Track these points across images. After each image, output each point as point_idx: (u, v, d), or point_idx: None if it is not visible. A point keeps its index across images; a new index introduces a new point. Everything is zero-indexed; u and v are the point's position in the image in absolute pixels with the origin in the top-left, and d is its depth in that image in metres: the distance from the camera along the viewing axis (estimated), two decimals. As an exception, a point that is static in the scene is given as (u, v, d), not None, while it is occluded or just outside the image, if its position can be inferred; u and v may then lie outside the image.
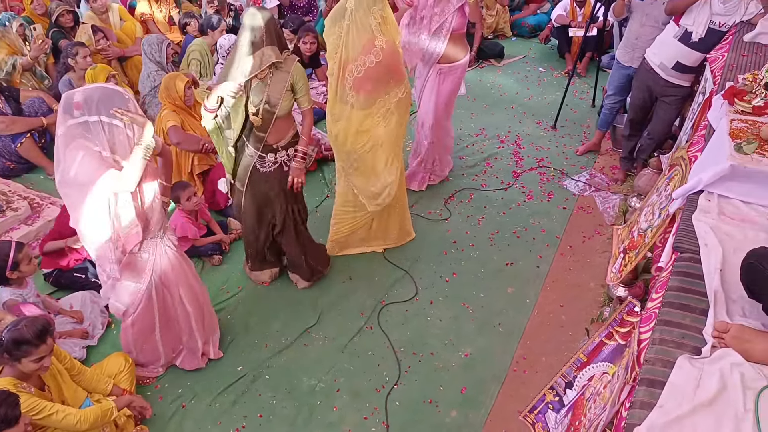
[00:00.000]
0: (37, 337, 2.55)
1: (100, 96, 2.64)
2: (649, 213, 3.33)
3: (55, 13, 5.97)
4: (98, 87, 2.70)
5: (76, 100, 2.61)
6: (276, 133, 3.49)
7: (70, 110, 2.63)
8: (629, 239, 3.43)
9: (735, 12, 4.14)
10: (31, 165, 5.16)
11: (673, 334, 2.01)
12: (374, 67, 3.56)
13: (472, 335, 3.80)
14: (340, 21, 3.53)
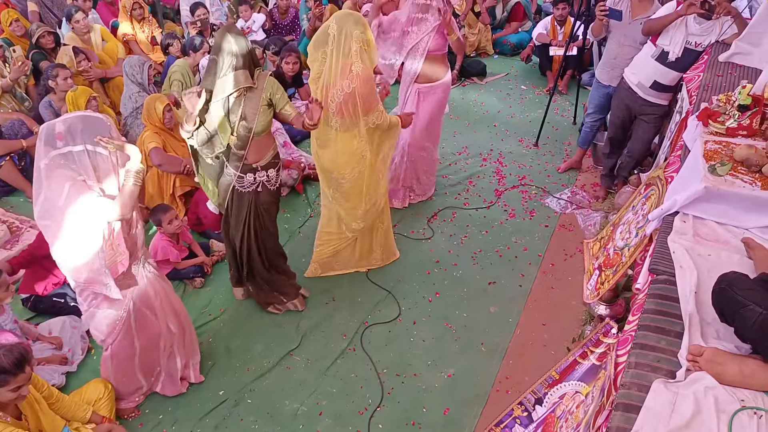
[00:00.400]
0: (15, 366, 2.52)
1: (83, 124, 2.61)
2: (625, 231, 3.36)
3: (35, 35, 5.95)
4: (80, 116, 2.67)
5: (57, 130, 2.58)
6: (255, 153, 3.48)
7: (52, 141, 2.58)
8: (604, 256, 3.45)
9: (710, 32, 4.21)
10: (11, 188, 5.12)
11: (648, 357, 2.02)
12: (350, 93, 3.58)
13: (455, 355, 3.80)
14: (323, 47, 3.55)
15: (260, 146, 3.49)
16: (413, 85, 4.65)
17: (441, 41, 4.46)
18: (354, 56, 3.50)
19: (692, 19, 4.18)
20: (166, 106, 4.65)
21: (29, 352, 2.69)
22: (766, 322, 1.79)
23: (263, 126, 3.41)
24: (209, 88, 3.24)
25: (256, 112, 3.32)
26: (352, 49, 3.49)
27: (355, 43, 3.48)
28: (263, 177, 3.57)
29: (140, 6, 7.01)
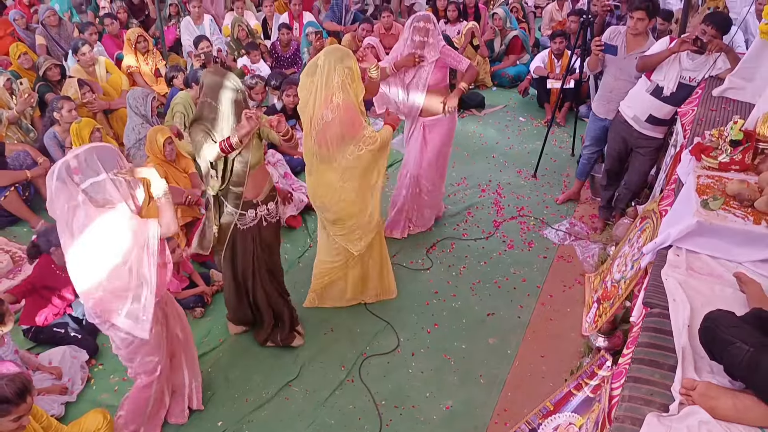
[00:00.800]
0: (17, 396, 2.54)
1: (96, 154, 2.62)
2: (621, 264, 3.39)
3: (42, 67, 6.06)
4: (90, 147, 2.68)
5: (72, 166, 2.58)
6: (253, 188, 3.52)
7: (68, 178, 2.59)
8: (602, 289, 3.47)
9: (704, 67, 4.28)
10: (15, 218, 5.17)
11: (642, 390, 2.04)
12: (330, 123, 3.62)
13: (454, 387, 3.80)
14: (312, 76, 3.63)
15: (257, 180, 3.54)
16: (418, 119, 4.74)
17: (440, 75, 4.56)
18: (336, 87, 3.57)
19: (685, 55, 4.27)
20: (167, 139, 4.72)
21: (31, 382, 2.71)
22: (754, 359, 1.81)
23: (258, 159, 3.46)
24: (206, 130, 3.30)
25: (249, 146, 3.37)
26: (334, 80, 3.56)
27: (338, 75, 3.55)
28: (263, 211, 3.62)
29: (144, 39, 7.15)
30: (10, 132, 5.66)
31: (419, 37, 4.46)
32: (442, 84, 4.64)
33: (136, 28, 7.61)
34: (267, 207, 3.62)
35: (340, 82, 3.57)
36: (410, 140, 4.90)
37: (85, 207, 2.61)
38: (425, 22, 4.45)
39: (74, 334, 3.94)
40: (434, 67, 4.51)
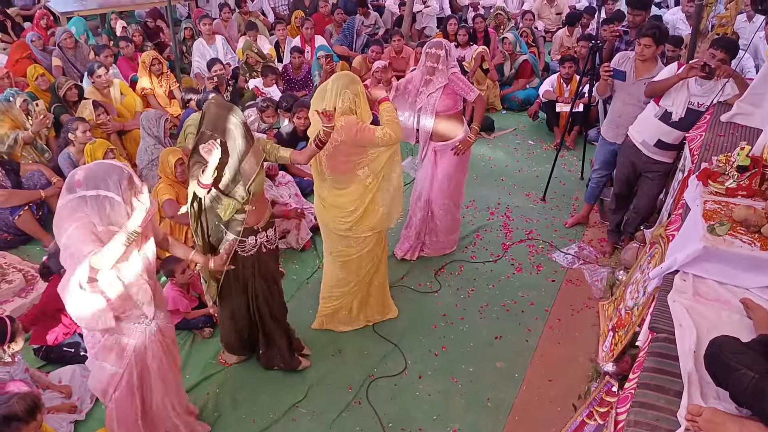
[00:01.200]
0: (27, 414, 2.57)
1: (102, 172, 2.63)
2: (634, 291, 3.39)
3: (63, 88, 6.16)
4: (99, 163, 2.71)
5: (77, 177, 2.62)
6: (255, 214, 3.48)
7: (71, 188, 2.62)
8: (617, 317, 3.47)
9: (712, 92, 4.30)
10: (28, 237, 5.24)
11: (647, 416, 2.04)
12: (338, 145, 3.68)
13: (461, 411, 3.79)
14: (321, 100, 3.69)
15: (258, 206, 3.50)
16: (430, 143, 4.79)
17: (450, 102, 4.59)
18: (342, 111, 3.64)
19: (694, 81, 4.29)
20: (179, 160, 4.78)
21: (40, 401, 2.74)
22: (759, 386, 1.81)
23: (259, 185, 3.42)
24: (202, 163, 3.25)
25: (253, 172, 3.33)
26: (337, 106, 3.63)
27: (343, 101, 3.63)
28: (263, 238, 3.57)
29: (159, 62, 7.26)
30: (26, 152, 5.74)
31: (430, 63, 4.52)
32: (454, 110, 4.66)
33: (150, 51, 7.73)
34: (266, 233, 3.59)
35: (347, 107, 3.65)
36: (423, 164, 4.94)
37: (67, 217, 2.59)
38: (437, 49, 4.50)
39: (84, 353, 3.96)
40: (442, 93, 4.54)
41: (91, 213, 2.61)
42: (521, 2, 11.58)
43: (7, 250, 5.06)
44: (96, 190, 2.60)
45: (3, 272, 4.55)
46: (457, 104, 4.67)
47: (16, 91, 5.89)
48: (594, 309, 4.62)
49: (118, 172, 2.66)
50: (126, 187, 2.65)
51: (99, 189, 2.61)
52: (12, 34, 9.37)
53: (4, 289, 4.39)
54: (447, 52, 4.52)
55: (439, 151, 4.80)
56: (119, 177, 2.65)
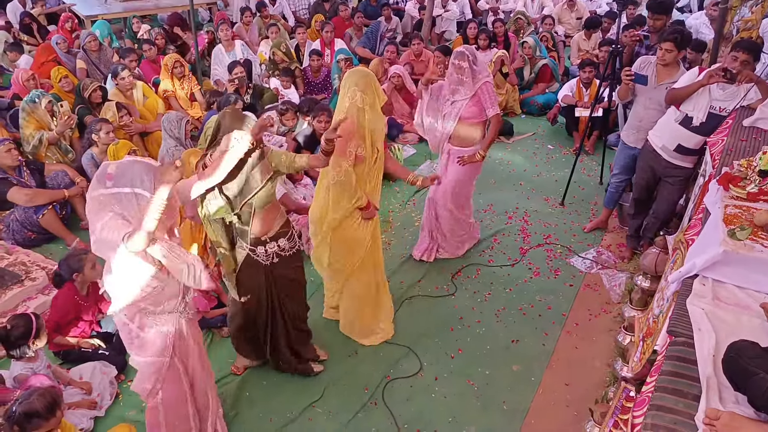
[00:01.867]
0: (47, 410, 2.62)
1: (134, 169, 2.65)
2: (660, 298, 3.36)
3: (88, 89, 6.26)
4: (131, 161, 2.72)
5: (109, 171, 2.64)
6: (261, 226, 3.42)
7: (102, 180, 2.64)
8: (647, 326, 3.44)
9: (734, 97, 4.25)
10: (52, 236, 5.32)
11: (665, 419, 2.03)
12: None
13: (477, 413, 3.79)
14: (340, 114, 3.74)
15: (265, 219, 3.42)
16: (447, 144, 4.81)
17: (476, 109, 4.59)
18: (346, 109, 3.67)
19: (715, 85, 4.25)
20: (199, 161, 4.82)
21: (60, 397, 2.79)
22: (777, 391, 1.80)
23: (264, 201, 3.35)
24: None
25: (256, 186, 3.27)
26: (346, 102, 3.67)
27: (349, 98, 3.65)
28: (274, 248, 3.51)
29: (181, 65, 7.35)
30: (50, 152, 5.85)
31: (456, 75, 4.54)
32: (479, 119, 4.65)
33: (173, 54, 7.83)
34: (278, 243, 3.51)
35: (351, 105, 3.66)
36: (439, 165, 4.97)
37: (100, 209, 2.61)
38: (460, 60, 4.49)
39: (102, 351, 4.03)
40: (470, 101, 4.56)
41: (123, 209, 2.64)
42: (541, 7, 11.56)
43: (31, 248, 5.15)
44: (131, 188, 2.63)
45: (27, 270, 4.63)
46: (483, 113, 4.65)
47: (41, 93, 6.00)
48: (612, 314, 4.60)
49: (147, 169, 2.67)
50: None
51: (134, 187, 2.63)
52: (38, 36, 9.54)
53: (28, 287, 4.47)
54: (471, 62, 4.50)
55: (452, 155, 4.82)
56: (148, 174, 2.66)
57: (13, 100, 6.76)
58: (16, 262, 4.74)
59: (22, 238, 5.19)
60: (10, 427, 2.63)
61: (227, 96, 6.52)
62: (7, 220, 5.20)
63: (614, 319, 4.53)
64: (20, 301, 4.41)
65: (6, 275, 4.53)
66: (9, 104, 6.71)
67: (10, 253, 4.88)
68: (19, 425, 2.61)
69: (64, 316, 3.97)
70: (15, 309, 4.32)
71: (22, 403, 2.63)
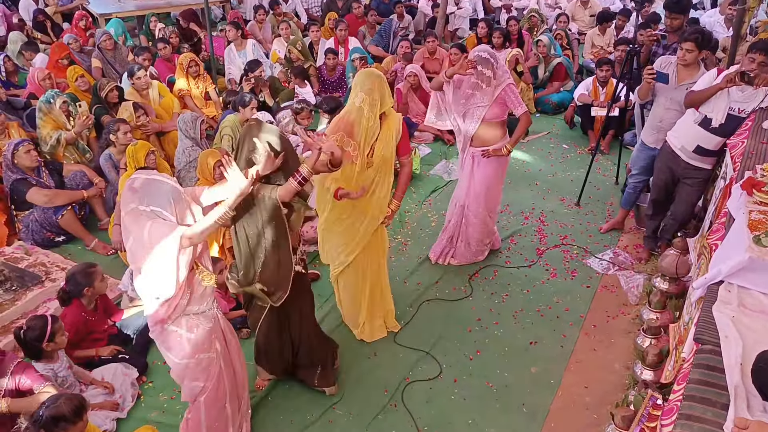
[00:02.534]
0: (74, 415, 2.65)
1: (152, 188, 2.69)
2: (688, 305, 3.35)
3: (105, 89, 6.28)
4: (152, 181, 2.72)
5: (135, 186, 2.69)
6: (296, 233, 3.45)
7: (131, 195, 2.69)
8: (679, 334, 3.43)
9: (754, 98, 4.24)
10: (70, 236, 5.36)
11: (694, 429, 2.03)
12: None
13: (496, 415, 3.80)
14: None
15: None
16: (469, 148, 4.77)
17: (498, 110, 4.56)
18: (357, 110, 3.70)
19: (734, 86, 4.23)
20: (217, 161, 4.85)
21: (86, 401, 2.82)
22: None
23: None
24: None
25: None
26: (356, 104, 3.70)
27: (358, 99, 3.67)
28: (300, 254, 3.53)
29: (196, 63, 7.37)
30: (68, 152, 5.89)
31: (474, 79, 4.49)
32: (500, 118, 4.63)
33: (188, 53, 7.85)
34: (301, 249, 3.57)
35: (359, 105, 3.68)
36: (463, 168, 4.92)
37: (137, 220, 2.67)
38: (484, 67, 4.41)
39: (123, 355, 4.04)
40: (495, 101, 4.52)
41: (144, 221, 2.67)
42: (555, 4, 11.50)
43: (50, 248, 5.20)
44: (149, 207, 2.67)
45: (47, 271, 4.67)
46: (505, 112, 4.63)
47: (56, 93, 6.04)
48: (630, 315, 4.60)
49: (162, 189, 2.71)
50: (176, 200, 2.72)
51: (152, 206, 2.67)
52: (52, 34, 9.58)
53: (48, 287, 4.50)
54: (494, 69, 4.45)
55: (477, 157, 4.77)
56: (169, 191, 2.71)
57: (29, 100, 6.80)
58: (35, 263, 4.78)
59: (41, 239, 5.24)
60: (37, 430, 2.66)
61: (242, 96, 6.54)
62: (26, 220, 5.24)
63: (632, 321, 4.53)
64: (41, 302, 4.44)
65: (26, 276, 4.57)
66: (25, 104, 6.74)
67: (29, 253, 4.92)
68: (46, 429, 2.64)
69: (76, 335, 3.90)
70: (35, 310, 4.36)
71: (49, 407, 2.66)
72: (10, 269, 4.58)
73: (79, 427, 2.69)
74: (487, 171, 4.78)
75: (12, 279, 4.49)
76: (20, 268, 4.67)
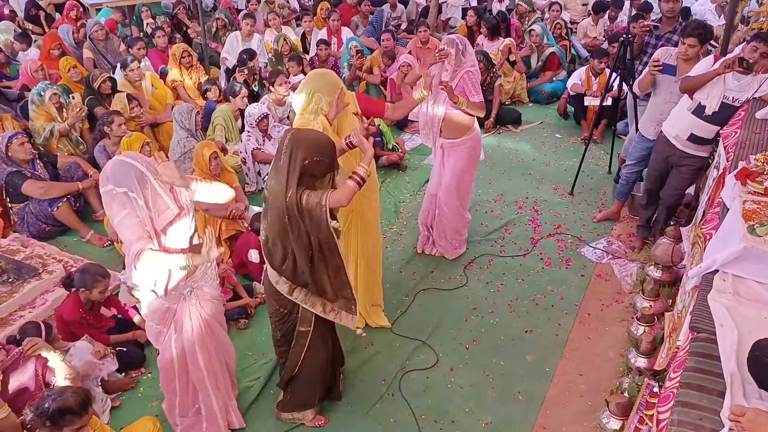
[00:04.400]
0: (81, 408, 2.67)
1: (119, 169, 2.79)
2: (682, 293, 3.39)
3: (98, 80, 6.25)
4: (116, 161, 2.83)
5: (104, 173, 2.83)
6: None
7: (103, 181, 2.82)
8: (672, 322, 3.47)
9: (748, 88, 4.26)
10: (65, 228, 5.36)
11: (690, 415, 2.08)
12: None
13: (493, 403, 3.85)
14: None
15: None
16: (438, 139, 4.77)
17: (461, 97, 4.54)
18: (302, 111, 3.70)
19: (731, 75, 4.25)
20: (213, 153, 4.86)
21: (91, 394, 2.84)
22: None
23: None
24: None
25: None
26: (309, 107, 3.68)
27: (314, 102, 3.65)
28: None
29: (189, 54, 7.33)
30: (61, 144, 5.88)
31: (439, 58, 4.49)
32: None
33: (181, 43, 7.81)
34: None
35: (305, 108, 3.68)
36: (435, 160, 4.95)
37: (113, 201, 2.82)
38: (448, 46, 4.46)
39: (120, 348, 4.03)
40: (456, 88, 4.50)
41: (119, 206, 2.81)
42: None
43: (46, 240, 5.20)
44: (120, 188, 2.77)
45: (44, 263, 4.66)
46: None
47: (47, 84, 6.01)
48: (623, 303, 4.65)
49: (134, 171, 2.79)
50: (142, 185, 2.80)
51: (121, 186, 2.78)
52: (45, 25, 9.51)
53: (45, 279, 4.50)
54: (460, 52, 4.46)
55: (447, 149, 4.76)
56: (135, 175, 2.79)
57: (22, 91, 6.76)
58: (32, 255, 4.78)
59: (37, 231, 5.23)
60: (43, 422, 2.68)
61: (231, 85, 6.54)
62: (21, 212, 5.23)
63: (626, 309, 4.57)
64: (38, 294, 4.44)
65: (23, 268, 4.57)
66: (18, 95, 6.70)
67: (25, 246, 4.92)
68: (52, 421, 2.66)
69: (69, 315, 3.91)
70: (33, 302, 4.36)
71: (56, 400, 2.67)
72: (6, 261, 4.58)
73: (85, 419, 2.70)
74: (455, 162, 4.76)
75: (9, 271, 4.49)
76: (17, 260, 4.66)
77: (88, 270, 3.89)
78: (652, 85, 4.94)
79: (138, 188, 2.76)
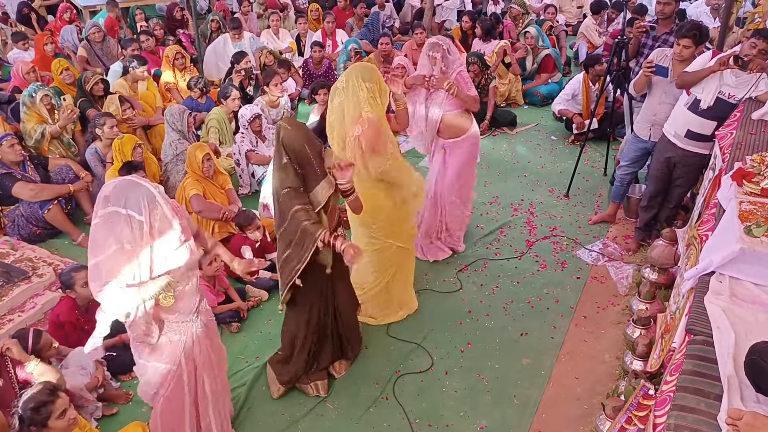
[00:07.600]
0: (49, 395, 2.64)
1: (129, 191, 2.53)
2: (676, 295, 3.37)
3: (90, 82, 6.21)
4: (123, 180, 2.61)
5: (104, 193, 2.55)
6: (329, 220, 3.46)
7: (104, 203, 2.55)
8: (665, 323, 3.45)
9: (745, 86, 4.24)
10: (56, 230, 5.30)
11: (687, 419, 2.04)
12: (359, 136, 3.68)
13: (488, 407, 3.80)
14: (339, 97, 3.71)
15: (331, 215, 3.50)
16: (438, 139, 4.78)
17: (455, 101, 4.58)
18: (363, 102, 3.64)
19: (729, 71, 4.24)
20: (206, 155, 4.82)
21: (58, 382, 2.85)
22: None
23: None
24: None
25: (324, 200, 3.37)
26: (360, 96, 3.64)
27: (363, 91, 3.62)
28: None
29: (182, 56, 7.30)
30: (53, 146, 5.83)
31: (429, 66, 4.55)
32: (460, 107, 4.66)
33: (174, 45, 7.78)
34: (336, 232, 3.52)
35: (367, 97, 3.64)
36: (432, 161, 4.94)
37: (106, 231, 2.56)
38: (434, 51, 4.50)
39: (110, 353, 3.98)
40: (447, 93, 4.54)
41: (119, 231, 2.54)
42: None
43: (36, 243, 5.14)
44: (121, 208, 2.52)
45: (34, 266, 4.61)
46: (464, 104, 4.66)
47: (38, 86, 5.96)
48: (619, 306, 4.61)
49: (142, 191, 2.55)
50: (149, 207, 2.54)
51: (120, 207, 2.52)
52: (37, 27, 9.47)
53: (35, 283, 4.44)
54: (446, 52, 4.50)
55: (448, 148, 4.78)
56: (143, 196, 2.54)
57: (13, 94, 6.71)
58: (22, 258, 4.72)
59: (27, 234, 5.18)
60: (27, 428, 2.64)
61: (223, 87, 6.51)
62: (11, 215, 5.18)
63: (622, 312, 4.54)
64: (28, 297, 4.38)
65: (13, 272, 4.51)
66: (9, 97, 6.66)
67: (15, 249, 4.86)
68: (33, 423, 2.63)
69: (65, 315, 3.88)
70: (23, 306, 4.31)
71: (23, 405, 2.66)
72: (-5, 264, 4.53)
73: (60, 403, 2.68)
74: (457, 160, 4.79)
75: (-2, 274, 4.44)
76: (6, 263, 4.61)
77: (63, 273, 3.90)
78: (648, 87, 4.92)
79: (147, 212, 2.51)
